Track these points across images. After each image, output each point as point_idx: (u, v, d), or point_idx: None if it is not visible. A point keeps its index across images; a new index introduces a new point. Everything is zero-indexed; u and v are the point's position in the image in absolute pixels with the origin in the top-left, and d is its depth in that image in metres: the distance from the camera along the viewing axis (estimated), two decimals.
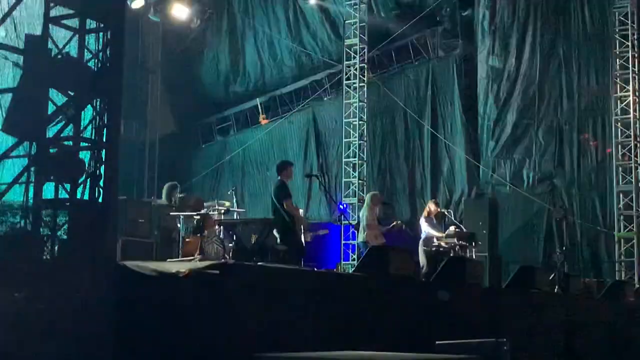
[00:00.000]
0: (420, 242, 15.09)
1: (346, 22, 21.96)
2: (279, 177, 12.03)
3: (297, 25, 23.40)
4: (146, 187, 22.03)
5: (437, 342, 6.54)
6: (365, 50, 21.88)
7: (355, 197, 21.15)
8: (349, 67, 21.88)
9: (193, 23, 22.61)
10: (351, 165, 21.56)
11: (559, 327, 11.88)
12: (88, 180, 7.38)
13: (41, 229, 7.36)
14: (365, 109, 21.84)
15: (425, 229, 15.19)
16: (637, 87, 18.79)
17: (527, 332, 11.00)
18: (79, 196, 7.35)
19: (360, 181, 21.39)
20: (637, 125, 18.68)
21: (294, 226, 11.84)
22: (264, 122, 24.37)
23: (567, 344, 11.67)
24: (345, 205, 20.79)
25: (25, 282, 6.74)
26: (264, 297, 7.18)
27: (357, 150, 21.50)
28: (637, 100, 18.75)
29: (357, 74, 21.71)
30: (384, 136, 22.13)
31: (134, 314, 6.85)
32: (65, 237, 7.39)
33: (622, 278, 17.91)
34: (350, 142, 21.62)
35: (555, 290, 13.66)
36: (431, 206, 15.64)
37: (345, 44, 21.93)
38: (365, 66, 21.88)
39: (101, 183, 7.35)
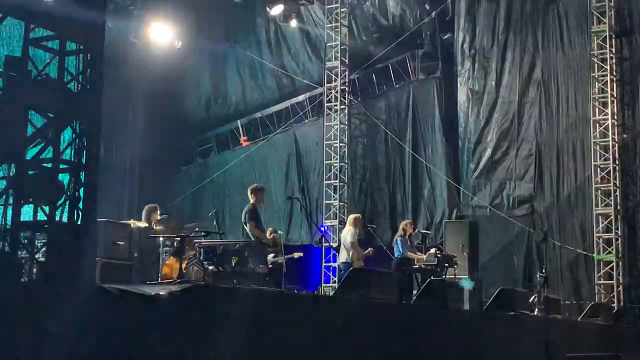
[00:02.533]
0: (393, 263, 14.86)
1: (327, 44, 22.06)
2: (251, 201, 12.20)
3: (278, 48, 23.45)
4: (126, 208, 21.89)
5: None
6: (347, 72, 21.98)
7: (336, 219, 21.13)
8: (330, 89, 21.95)
9: (174, 45, 22.56)
10: (332, 187, 21.57)
11: (538, 349, 11.90)
12: (67, 202, 7.33)
13: (19, 252, 7.30)
14: (346, 131, 21.89)
15: (400, 249, 15.01)
16: (615, 110, 18.93)
17: (507, 354, 11.01)
18: (57, 218, 7.30)
19: (341, 203, 21.38)
20: (616, 148, 18.79)
21: (261, 248, 11.97)
22: (245, 144, 24.35)
23: None
24: (326, 228, 20.78)
25: (3, 305, 6.68)
26: (242, 320, 7.15)
27: (338, 173, 21.52)
28: (615, 123, 18.87)
29: (338, 96, 21.78)
30: (365, 158, 22.16)
31: (112, 337, 6.80)
32: (43, 259, 7.33)
33: (601, 300, 17.97)
34: (332, 164, 21.64)
35: (536, 312, 13.70)
36: (407, 227, 15.55)
37: (327, 66, 22.02)
38: (346, 88, 21.96)
39: (80, 205, 7.30)
